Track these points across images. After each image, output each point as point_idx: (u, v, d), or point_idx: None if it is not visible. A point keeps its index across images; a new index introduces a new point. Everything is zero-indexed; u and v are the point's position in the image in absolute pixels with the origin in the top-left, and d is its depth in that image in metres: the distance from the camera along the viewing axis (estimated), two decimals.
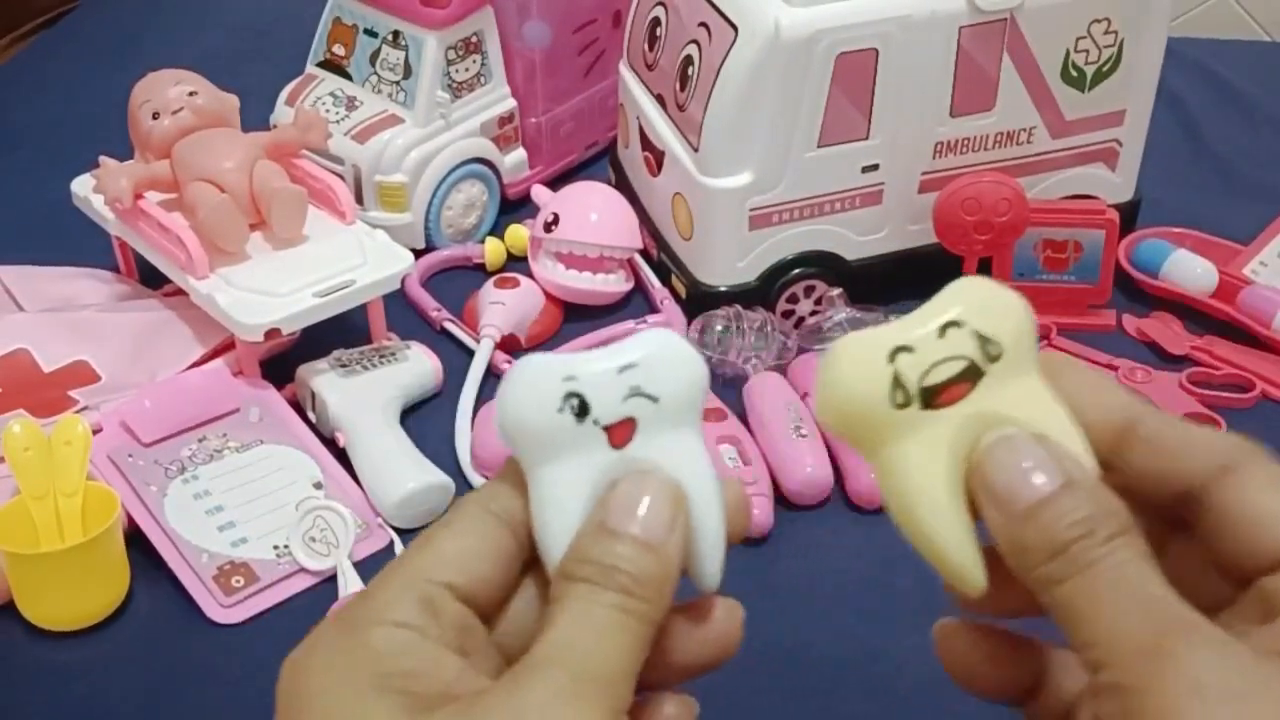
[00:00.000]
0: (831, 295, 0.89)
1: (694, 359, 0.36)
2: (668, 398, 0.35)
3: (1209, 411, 0.84)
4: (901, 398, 0.33)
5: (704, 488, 0.35)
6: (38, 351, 0.81)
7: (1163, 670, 0.27)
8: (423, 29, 0.95)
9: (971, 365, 0.33)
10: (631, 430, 0.35)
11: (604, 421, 0.34)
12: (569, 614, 0.31)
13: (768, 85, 0.81)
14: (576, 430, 0.34)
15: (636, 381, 0.35)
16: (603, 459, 0.34)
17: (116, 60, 1.27)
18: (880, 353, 0.33)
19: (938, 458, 0.33)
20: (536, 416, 0.34)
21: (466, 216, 1.00)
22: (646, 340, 0.36)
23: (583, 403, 0.34)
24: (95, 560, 0.69)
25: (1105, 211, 0.89)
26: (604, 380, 0.35)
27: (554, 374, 0.35)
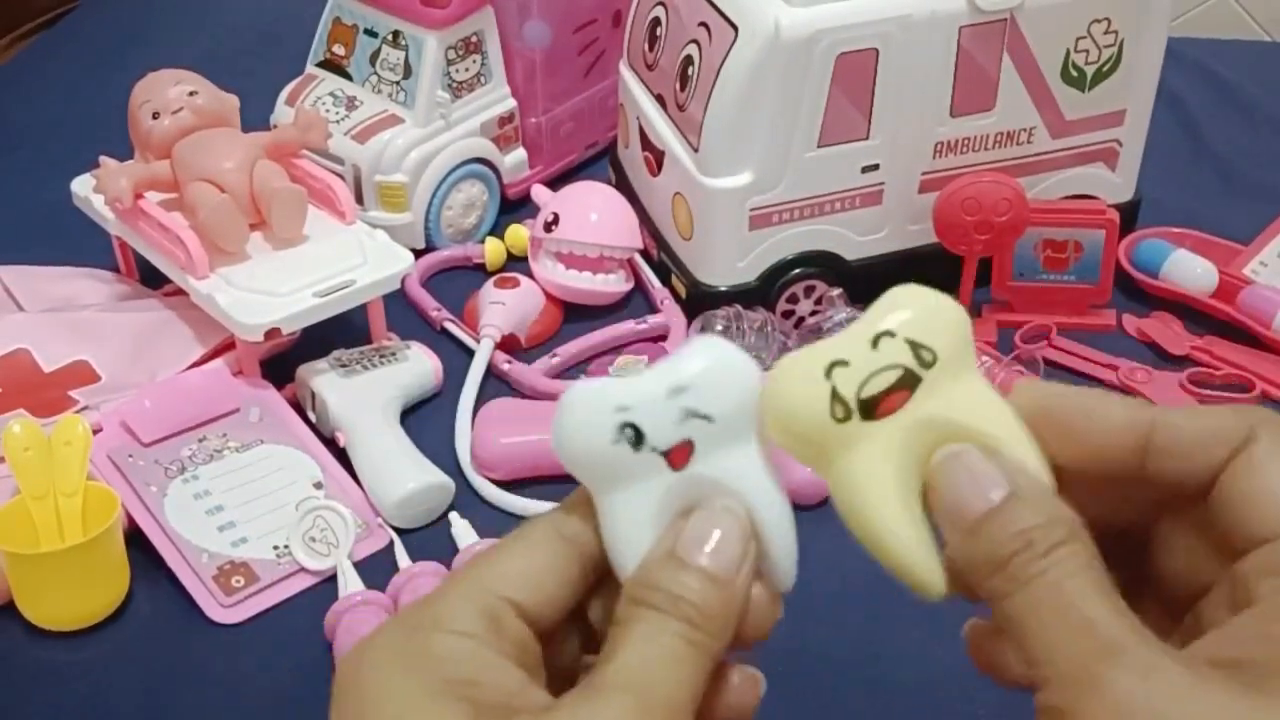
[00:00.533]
0: (831, 295, 0.89)
1: (745, 370, 0.36)
2: (722, 415, 0.35)
3: None
4: (841, 411, 0.33)
5: (768, 499, 0.35)
6: (38, 351, 0.81)
7: (1089, 697, 0.27)
8: (423, 29, 0.95)
9: (907, 373, 0.33)
10: (690, 451, 0.35)
11: (661, 447, 0.35)
12: (636, 639, 0.31)
13: (768, 85, 0.81)
14: (635, 458, 0.35)
15: (689, 403, 0.35)
16: (665, 481, 0.35)
17: (116, 60, 1.27)
18: (817, 369, 0.33)
19: (885, 468, 0.33)
20: (593, 449, 0.35)
21: (466, 216, 1.00)
22: (695, 355, 0.36)
23: (638, 432, 0.35)
24: (95, 560, 0.69)
25: (1105, 211, 0.89)
26: (656, 407, 0.35)
27: (606, 405, 0.35)
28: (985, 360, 0.84)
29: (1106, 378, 0.87)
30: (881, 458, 0.33)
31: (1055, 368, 0.88)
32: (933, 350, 0.33)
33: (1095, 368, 0.88)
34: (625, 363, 0.85)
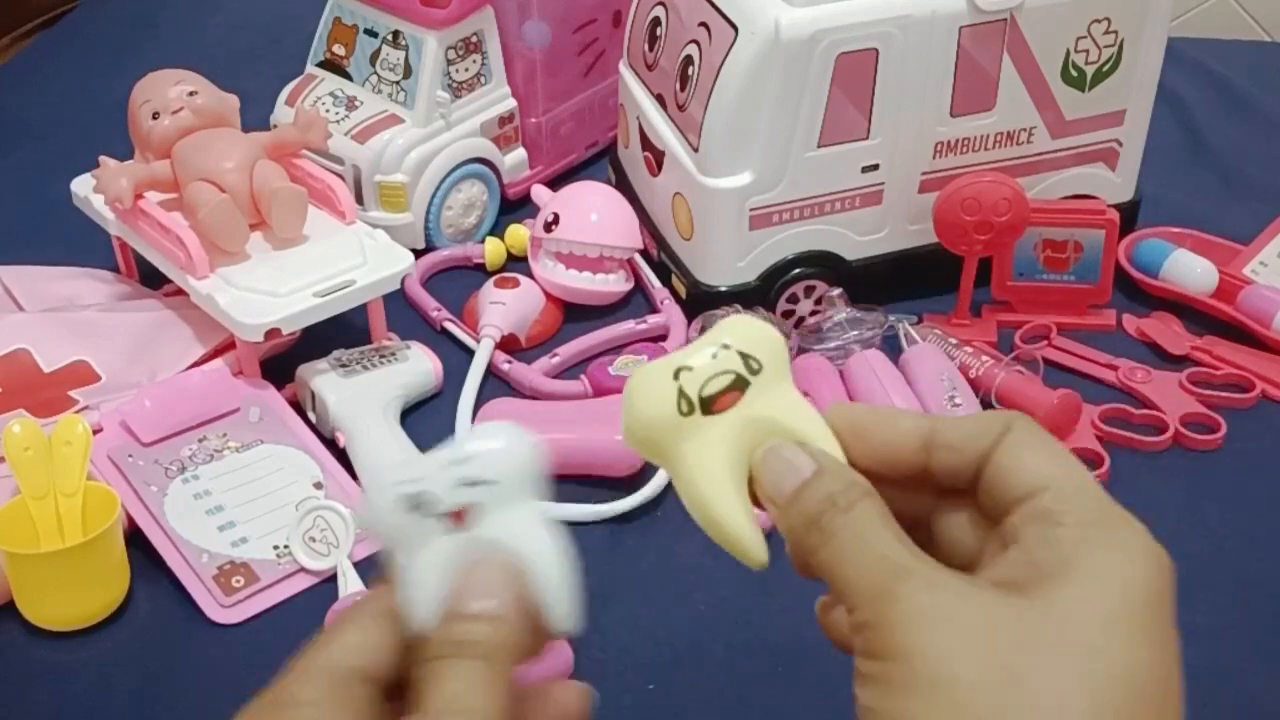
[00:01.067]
0: (831, 295, 0.89)
1: (522, 442, 0.42)
2: (500, 481, 0.41)
3: (1209, 411, 0.84)
4: (686, 407, 0.40)
5: (544, 552, 0.40)
6: (38, 351, 0.80)
7: (889, 607, 0.34)
8: (423, 29, 0.95)
9: (739, 377, 0.40)
10: (471, 515, 0.40)
11: (444, 510, 0.40)
12: (440, 681, 0.37)
13: (768, 85, 0.81)
14: (423, 524, 0.39)
15: (470, 473, 0.40)
16: (450, 543, 0.39)
17: (116, 60, 1.27)
18: (667, 374, 0.40)
19: (719, 451, 0.40)
20: (386, 521, 0.40)
21: (466, 216, 1.00)
22: (478, 432, 0.42)
23: (423, 500, 0.40)
24: (95, 560, 0.69)
25: (1105, 211, 0.89)
26: (440, 477, 0.40)
27: (398, 479, 0.40)
28: (985, 360, 0.84)
29: (1106, 378, 0.87)
30: (717, 444, 0.40)
31: (1055, 368, 0.88)
32: (759, 361, 0.41)
33: (1095, 368, 0.88)
34: (625, 363, 0.85)
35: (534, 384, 0.85)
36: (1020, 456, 0.37)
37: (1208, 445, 0.82)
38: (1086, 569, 0.35)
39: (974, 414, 0.40)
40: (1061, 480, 0.36)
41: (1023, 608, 0.34)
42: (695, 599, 0.68)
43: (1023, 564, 0.35)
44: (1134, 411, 0.84)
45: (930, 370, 0.82)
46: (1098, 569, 0.35)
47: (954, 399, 0.80)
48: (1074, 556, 0.35)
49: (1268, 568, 0.74)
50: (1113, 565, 0.36)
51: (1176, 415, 0.83)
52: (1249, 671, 0.68)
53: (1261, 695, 0.67)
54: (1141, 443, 0.82)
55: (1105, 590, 0.35)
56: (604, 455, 0.78)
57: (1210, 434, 0.83)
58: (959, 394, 0.81)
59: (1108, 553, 0.36)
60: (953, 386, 0.81)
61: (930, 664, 0.33)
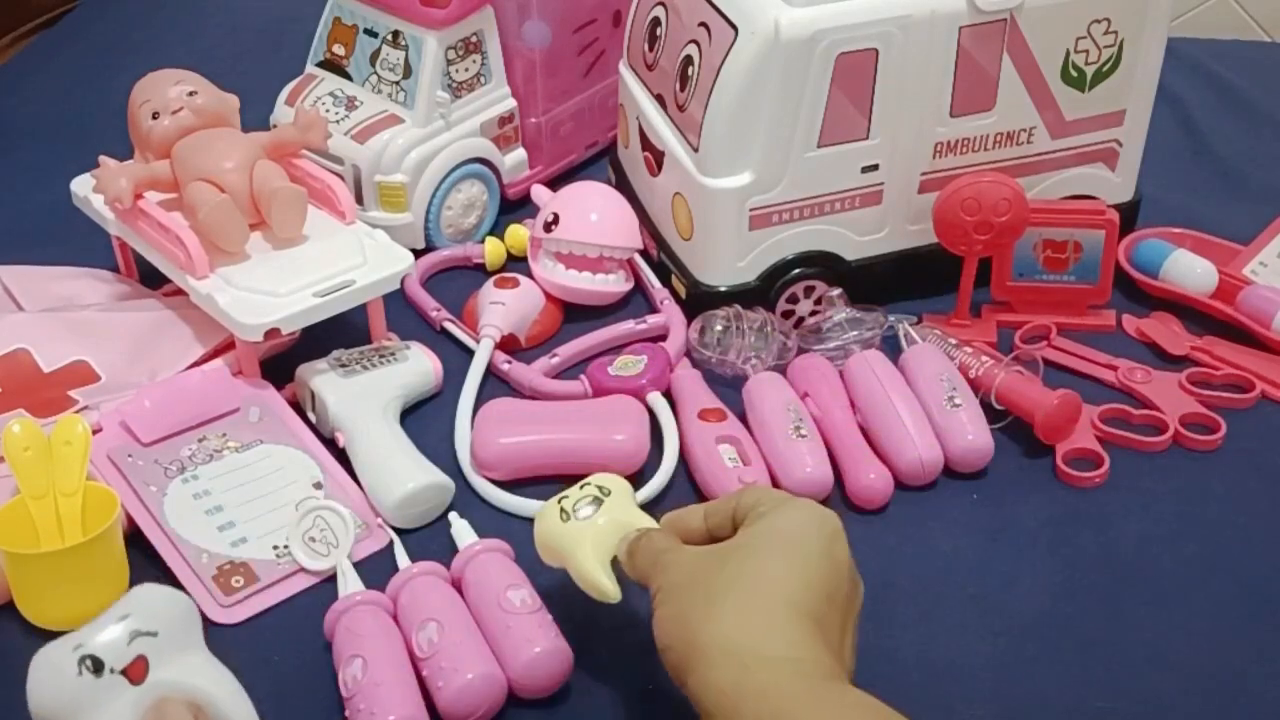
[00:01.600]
0: (831, 295, 0.89)
1: (176, 596, 0.49)
2: (164, 628, 0.46)
3: (1209, 412, 0.84)
4: (565, 518, 0.66)
5: (221, 681, 0.47)
6: (38, 351, 0.81)
7: (659, 571, 0.60)
8: (423, 29, 0.95)
9: (597, 497, 0.67)
10: (145, 665, 0.45)
11: (119, 667, 0.44)
12: None
13: (768, 85, 0.81)
14: (99, 684, 0.43)
15: (132, 626, 0.45)
16: (131, 696, 0.43)
17: (116, 60, 1.27)
18: (554, 507, 0.67)
19: (591, 542, 0.65)
20: (61, 688, 0.43)
21: (466, 216, 1.00)
22: (132, 594, 0.48)
23: (96, 660, 0.43)
24: (95, 560, 0.69)
25: (1105, 212, 0.89)
26: (107, 634, 0.44)
27: (65, 646, 0.44)
28: (985, 360, 0.84)
29: (1106, 378, 0.87)
30: (591, 541, 0.65)
31: (1055, 368, 0.88)
32: (609, 490, 0.67)
33: (1095, 368, 0.88)
34: (625, 363, 0.85)
35: (534, 384, 0.85)
36: (742, 503, 0.61)
37: (1207, 445, 0.82)
38: (768, 517, 0.59)
39: (723, 501, 0.63)
40: (759, 497, 0.61)
41: (731, 541, 0.59)
42: None
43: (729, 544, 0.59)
44: (1134, 412, 0.84)
45: (930, 370, 0.83)
46: (782, 514, 0.59)
47: (954, 399, 0.80)
48: (763, 516, 0.59)
49: (1268, 568, 0.74)
50: (792, 512, 0.59)
51: (1176, 415, 0.83)
52: (1249, 671, 0.68)
53: (1262, 695, 0.67)
54: (1141, 443, 0.82)
55: (787, 523, 0.58)
56: (603, 455, 0.78)
57: (1210, 434, 0.83)
58: (959, 394, 0.81)
59: (787, 508, 0.59)
60: (952, 387, 0.81)
61: (670, 578, 0.58)
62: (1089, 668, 0.68)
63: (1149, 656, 0.69)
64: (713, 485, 0.77)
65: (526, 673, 0.65)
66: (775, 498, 0.61)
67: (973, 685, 0.67)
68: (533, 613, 0.67)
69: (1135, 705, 0.66)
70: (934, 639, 0.70)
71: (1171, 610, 0.72)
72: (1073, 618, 0.71)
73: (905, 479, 0.79)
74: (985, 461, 0.80)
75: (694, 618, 0.55)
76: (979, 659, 0.69)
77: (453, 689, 0.63)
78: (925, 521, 0.77)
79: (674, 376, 0.85)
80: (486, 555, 0.71)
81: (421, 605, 0.67)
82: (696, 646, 0.54)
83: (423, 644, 0.65)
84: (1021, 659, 0.69)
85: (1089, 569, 0.74)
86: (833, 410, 0.81)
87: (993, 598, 0.72)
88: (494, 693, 0.64)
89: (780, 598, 0.54)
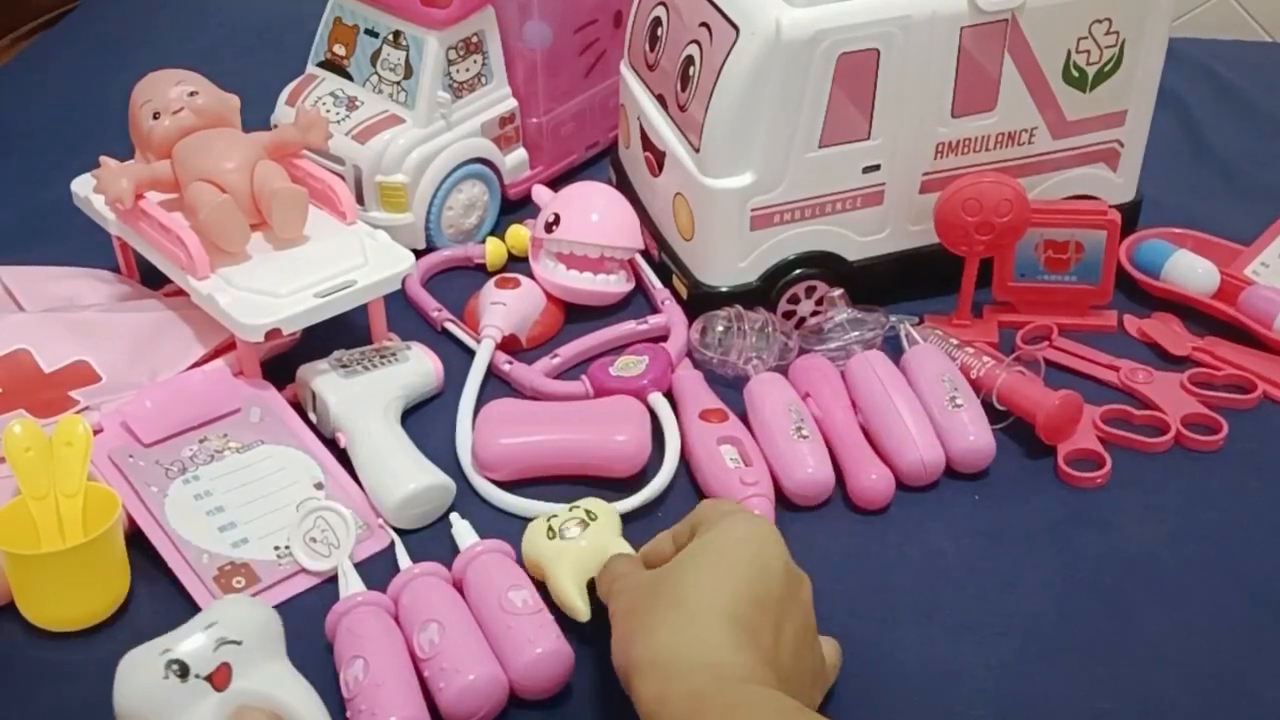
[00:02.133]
0: (833, 295, 0.89)
1: (262, 607, 0.51)
2: (249, 638, 0.49)
3: (1210, 412, 0.84)
4: (552, 535, 0.70)
5: (301, 695, 0.49)
6: (38, 351, 0.80)
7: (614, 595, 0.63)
8: (424, 29, 0.95)
9: (584, 520, 0.71)
10: (229, 673, 0.48)
11: (204, 673, 0.47)
12: None
13: (769, 85, 0.81)
14: (185, 688, 0.46)
15: (220, 634, 0.48)
16: (213, 701, 0.46)
17: (116, 60, 1.27)
18: (543, 525, 0.71)
19: (570, 561, 0.69)
20: (148, 690, 0.45)
21: (467, 217, 1.00)
22: (219, 603, 0.50)
23: (182, 664, 0.46)
24: (96, 560, 0.69)
25: (1107, 212, 0.89)
26: (194, 641, 0.47)
27: (153, 650, 0.47)
28: (987, 361, 0.84)
29: (1108, 378, 0.87)
30: (570, 560, 0.69)
31: (1056, 368, 0.88)
32: (596, 515, 0.71)
33: (1096, 368, 0.88)
34: (626, 363, 0.85)
35: (535, 384, 0.85)
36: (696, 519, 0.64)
37: (1209, 446, 0.82)
38: (710, 530, 0.61)
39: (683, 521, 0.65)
40: (705, 515, 0.63)
41: (673, 561, 0.60)
42: None
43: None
44: (1135, 412, 0.84)
45: (931, 371, 0.82)
46: (716, 529, 0.61)
47: (955, 399, 0.80)
48: (702, 531, 0.61)
49: (1268, 568, 0.74)
50: (725, 525, 0.61)
51: (1178, 416, 0.83)
52: (1249, 671, 0.68)
53: (1262, 695, 0.67)
54: (1143, 443, 0.82)
55: (716, 536, 0.60)
56: (604, 456, 0.78)
57: (1211, 435, 0.83)
58: (960, 394, 0.81)
59: (723, 522, 0.61)
60: (954, 387, 0.81)
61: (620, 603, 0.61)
62: (1090, 668, 0.68)
63: (1150, 657, 0.69)
64: (714, 486, 0.77)
65: (528, 673, 0.65)
66: (717, 513, 0.63)
67: (973, 685, 0.67)
68: (534, 613, 0.67)
69: (1136, 705, 0.66)
70: (935, 639, 0.70)
71: (1173, 610, 0.72)
72: (1074, 618, 0.71)
73: (907, 479, 0.78)
74: (987, 462, 0.80)
75: (631, 637, 0.58)
76: (980, 659, 0.68)
77: (454, 690, 0.63)
78: (926, 522, 0.77)
79: (675, 377, 0.85)
80: (488, 556, 0.71)
81: (423, 606, 0.67)
82: (632, 663, 0.56)
83: (424, 645, 0.65)
84: (1023, 659, 0.69)
85: (1090, 569, 0.74)
86: (834, 411, 0.81)
87: (994, 598, 0.72)
88: (495, 693, 0.64)
89: (705, 607, 0.56)
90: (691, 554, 0.60)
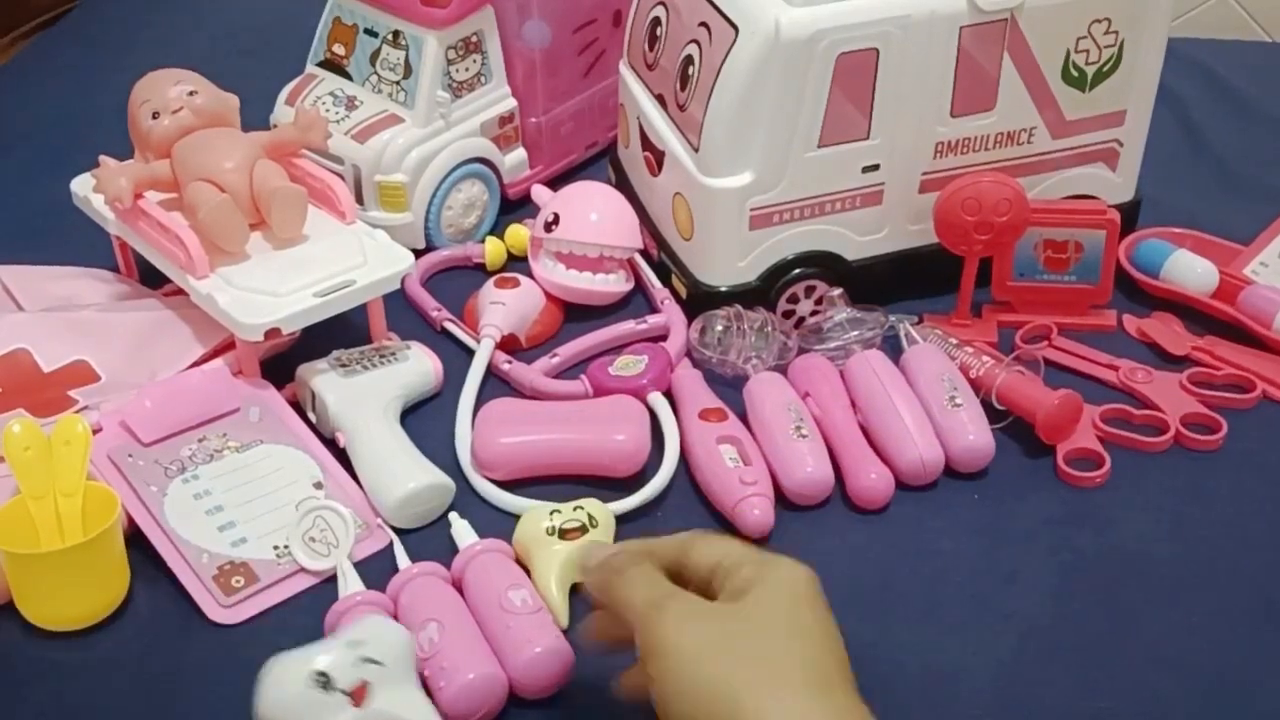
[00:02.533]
0: (832, 295, 0.89)
1: (404, 633, 0.55)
2: (389, 660, 0.52)
3: (1210, 412, 0.84)
4: (551, 532, 0.71)
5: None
6: (38, 351, 0.80)
7: (657, 616, 0.55)
8: (423, 29, 0.95)
9: (583, 526, 0.71)
10: (366, 691, 0.50)
11: (345, 688, 0.50)
12: None
13: (768, 85, 0.81)
14: (325, 699, 0.49)
15: (364, 653, 0.51)
16: (351, 716, 0.49)
17: (116, 60, 1.27)
18: (544, 514, 0.72)
19: (560, 565, 0.69)
20: (291, 696, 0.48)
21: (467, 216, 1.00)
22: (367, 621, 0.54)
23: (326, 676, 0.49)
24: (95, 560, 0.69)
25: (1106, 212, 0.89)
26: (339, 656, 0.50)
27: (299, 658, 0.50)
28: (986, 360, 0.84)
29: (1107, 378, 0.87)
30: (561, 564, 0.69)
31: (1056, 368, 0.88)
32: (598, 521, 0.72)
33: (1096, 368, 0.88)
34: (625, 363, 0.85)
35: (534, 384, 0.85)
36: (699, 549, 0.59)
37: (1208, 446, 0.82)
38: (765, 584, 0.56)
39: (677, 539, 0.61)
40: (727, 550, 0.59)
41: (734, 608, 0.55)
42: None
43: (727, 595, 0.56)
44: (1135, 412, 0.84)
45: (931, 370, 0.82)
46: (771, 582, 0.56)
47: (954, 399, 0.80)
48: (755, 580, 0.56)
49: (1267, 567, 0.74)
50: (779, 579, 0.57)
51: (1177, 416, 0.83)
52: (1249, 671, 0.68)
53: (1262, 695, 0.67)
54: (1142, 443, 0.82)
55: (778, 592, 0.56)
56: (604, 455, 0.78)
57: (1211, 434, 0.83)
58: (960, 394, 0.81)
59: (774, 572, 0.57)
60: (953, 387, 0.81)
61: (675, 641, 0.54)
62: (1089, 668, 0.68)
63: (1149, 656, 0.69)
64: (713, 485, 0.77)
65: (527, 673, 0.65)
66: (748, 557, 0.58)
67: (973, 685, 0.67)
68: (533, 613, 0.67)
69: (1135, 705, 0.66)
70: (934, 639, 0.70)
71: (1171, 609, 0.72)
72: (1073, 618, 0.71)
73: (906, 479, 0.78)
74: (986, 461, 0.80)
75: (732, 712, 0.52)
76: (979, 659, 0.69)
77: (453, 689, 0.63)
78: (926, 521, 0.77)
79: (674, 376, 0.85)
80: (487, 555, 0.71)
81: (422, 605, 0.67)
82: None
83: (423, 644, 0.65)
84: (1022, 659, 0.69)
85: (1090, 569, 0.74)
86: (833, 410, 0.81)
87: (993, 598, 0.72)
88: (495, 693, 0.64)
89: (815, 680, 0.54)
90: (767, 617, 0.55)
